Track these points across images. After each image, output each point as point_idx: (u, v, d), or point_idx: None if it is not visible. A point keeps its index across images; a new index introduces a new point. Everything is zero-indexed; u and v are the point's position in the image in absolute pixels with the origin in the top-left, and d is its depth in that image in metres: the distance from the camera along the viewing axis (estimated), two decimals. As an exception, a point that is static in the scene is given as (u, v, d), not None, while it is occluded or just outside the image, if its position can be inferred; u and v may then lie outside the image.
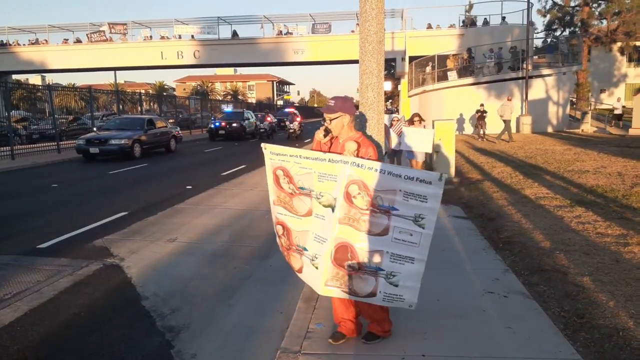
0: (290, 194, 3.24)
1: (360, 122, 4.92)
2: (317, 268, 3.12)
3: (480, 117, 21.20)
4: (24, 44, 39.20)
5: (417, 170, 2.94)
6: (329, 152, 3.25)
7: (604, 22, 32.07)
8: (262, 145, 3.35)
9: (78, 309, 4.54)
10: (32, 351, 3.78)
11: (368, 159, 3.10)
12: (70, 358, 3.68)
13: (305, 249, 3.22)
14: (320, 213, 3.07)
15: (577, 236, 6.10)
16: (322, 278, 3.06)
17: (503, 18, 31.58)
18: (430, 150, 10.25)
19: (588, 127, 24.94)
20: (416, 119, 10.69)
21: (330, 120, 3.32)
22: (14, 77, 42.67)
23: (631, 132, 21.38)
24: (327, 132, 3.36)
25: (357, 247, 2.96)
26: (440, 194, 2.89)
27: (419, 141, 10.12)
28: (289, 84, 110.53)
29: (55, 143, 20.15)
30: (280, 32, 37.12)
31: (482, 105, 21.77)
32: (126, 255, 6.17)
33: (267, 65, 43.25)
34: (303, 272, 3.33)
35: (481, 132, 21.38)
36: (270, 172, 3.32)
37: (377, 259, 2.96)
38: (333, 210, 2.97)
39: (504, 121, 20.82)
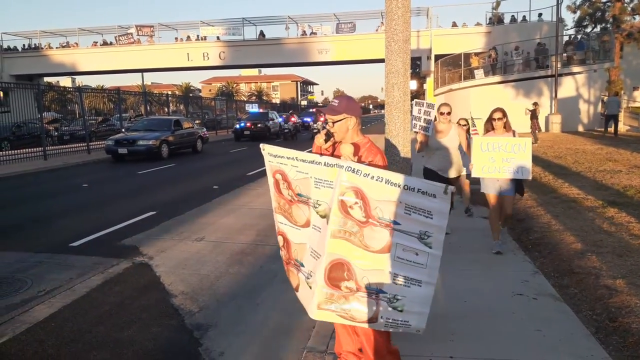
0: (289, 201, 2.91)
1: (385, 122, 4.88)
2: (310, 288, 2.76)
3: (533, 116, 19.56)
4: (55, 47, 40.24)
5: (419, 180, 2.54)
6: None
7: (637, 17, 31.15)
8: (261, 145, 3.05)
9: (109, 306, 4.64)
10: (66, 347, 3.88)
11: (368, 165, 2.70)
12: (101, 354, 3.76)
13: (302, 265, 2.87)
14: (317, 224, 2.72)
15: (610, 238, 5.95)
16: (315, 299, 2.68)
17: (539, 15, 31.09)
18: (529, 177, 5.62)
19: (620, 125, 24.27)
20: (497, 116, 5.65)
21: (333, 123, 2.92)
22: (46, 79, 43.84)
23: (666, 130, 20.75)
24: (329, 136, 2.96)
25: (355, 265, 2.57)
26: (447, 210, 2.51)
27: (508, 161, 5.45)
28: (313, 84, 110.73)
29: (86, 144, 20.64)
30: (305, 32, 37.20)
31: (535, 104, 20.43)
32: (155, 253, 6.28)
33: (291, 65, 43.45)
34: (299, 290, 2.97)
35: (536, 133, 19.41)
36: (270, 176, 3.03)
37: (377, 279, 2.57)
38: (327, 222, 2.61)
39: (608, 116, 20.74)
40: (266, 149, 3.00)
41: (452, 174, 6.46)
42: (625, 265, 4.98)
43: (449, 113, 6.21)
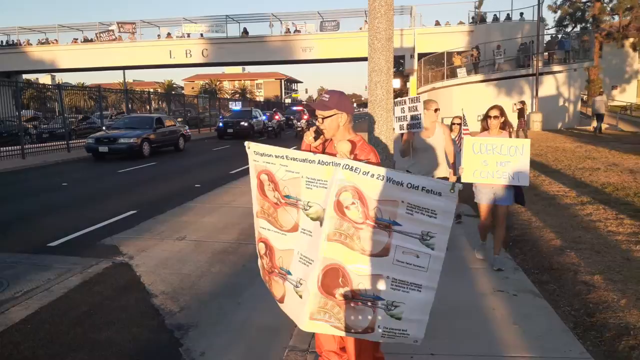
0: (275, 204, 2.70)
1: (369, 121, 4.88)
2: (300, 297, 2.57)
3: (520, 115, 19.61)
4: (34, 44, 39.53)
5: (424, 178, 2.37)
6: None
7: (616, 17, 31.73)
8: (246, 143, 2.82)
9: (88, 307, 4.57)
10: (42, 349, 3.80)
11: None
12: (79, 356, 3.70)
13: (289, 273, 2.66)
14: (307, 228, 2.54)
15: (588, 234, 6.04)
16: (306, 309, 2.50)
17: (521, 14, 31.58)
18: (527, 183, 4.90)
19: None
20: (494, 114, 5.04)
21: (323, 119, 2.75)
22: (24, 76, 43.06)
23: (643, 128, 21.22)
24: (319, 133, 2.81)
25: (350, 270, 2.41)
26: (452, 209, 2.34)
27: (504, 165, 4.80)
28: (297, 82, 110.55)
29: (65, 142, 20.30)
30: (289, 30, 37.13)
31: (522, 102, 20.50)
32: (135, 253, 6.20)
33: (275, 63, 43.31)
34: (285, 301, 2.76)
35: (525, 131, 19.45)
36: (254, 177, 2.82)
37: (374, 285, 2.41)
38: (321, 225, 2.44)
39: (598, 115, 21.34)
40: (251, 147, 2.78)
41: (439, 175, 5.63)
42: (603, 262, 5.07)
43: (436, 110, 5.47)
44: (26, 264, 5.83)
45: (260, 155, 2.74)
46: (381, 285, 2.41)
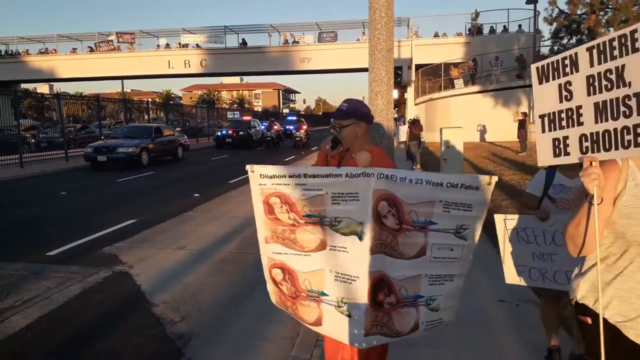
0: (292, 226, 2.54)
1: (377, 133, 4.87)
2: (349, 316, 2.46)
3: (521, 126, 19.39)
4: (33, 54, 39.65)
5: (461, 176, 2.33)
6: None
7: (611, 29, 32.02)
8: (248, 167, 2.55)
9: (88, 316, 4.55)
10: (42, 358, 3.78)
11: None
12: (80, 365, 3.68)
13: (323, 294, 2.54)
14: (340, 244, 2.42)
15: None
16: (362, 327, 2.43)
17: (520, 26, 31.84)
18: None
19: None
20: None
21: (341, 128, 2.66)
22: (23, 86, 43.12)
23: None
24: (336, 143, 2.68)
25: (393, 277, 2.39)
26: (487, 200, 2.33)
27: None
28: (295, 92, 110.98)
29: (64, 151, 20.30)
30: (287, 41, 37.33)
31: (525, 114, 20.22)
32: (135, 262, 6.18)
33: (274, 73, 43.56)
34: (324, 323, 2.59)
35: (525, 143, 19.06)
36: (259, 203, 2.58)
37: (415, 286, 2.43)
38: (361, 239, 2.34)
39: None
40: (256, 170, 2.52)
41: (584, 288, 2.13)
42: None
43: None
44: (25, 273, 5.81)
45: (268, 178, 2.52)
46: (420, 284, 2.45)
